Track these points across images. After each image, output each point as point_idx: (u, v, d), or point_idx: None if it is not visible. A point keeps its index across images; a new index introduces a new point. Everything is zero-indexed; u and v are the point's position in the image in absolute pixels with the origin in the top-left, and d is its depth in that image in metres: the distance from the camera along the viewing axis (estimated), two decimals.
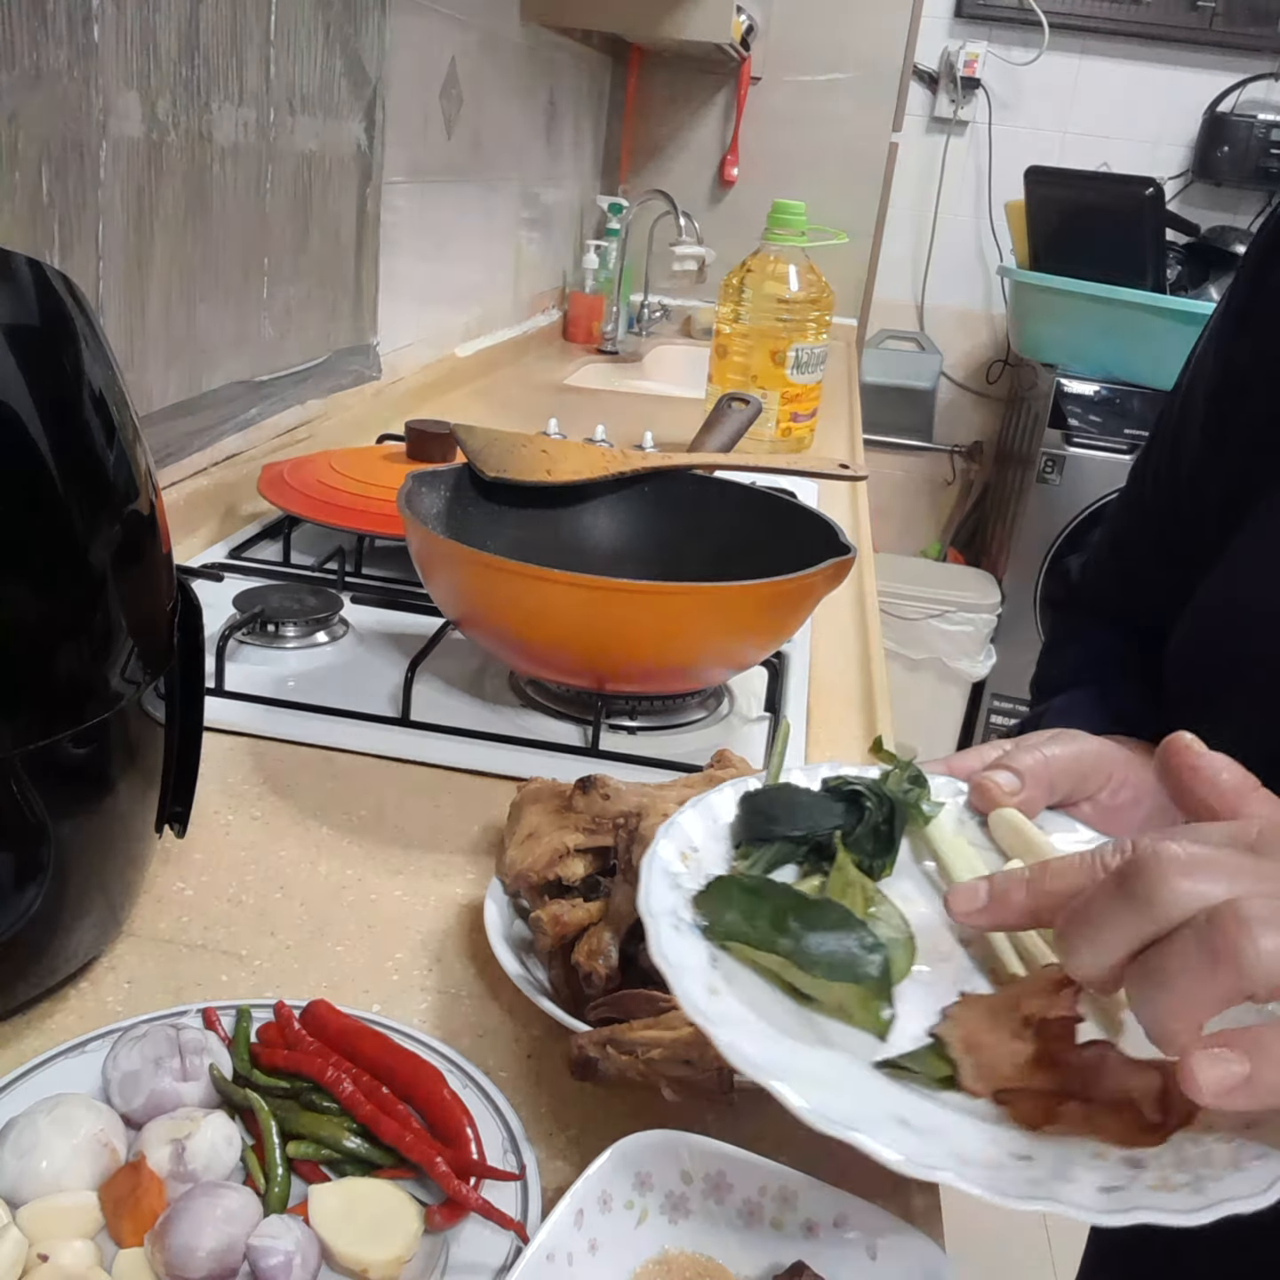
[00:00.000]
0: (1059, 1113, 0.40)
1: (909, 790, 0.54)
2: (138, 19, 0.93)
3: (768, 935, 0.44)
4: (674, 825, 0.50)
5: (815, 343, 1.66)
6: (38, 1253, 0.41)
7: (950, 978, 0.47)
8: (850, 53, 2.76)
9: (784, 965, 0.44)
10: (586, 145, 2.69)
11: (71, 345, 0.48)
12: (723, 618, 0.76)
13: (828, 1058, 0.42)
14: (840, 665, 1.01)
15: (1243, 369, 0.65)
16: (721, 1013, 0.41)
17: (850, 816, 0.51)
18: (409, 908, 0.64)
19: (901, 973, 0.46)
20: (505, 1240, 0.43)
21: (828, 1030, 0.43)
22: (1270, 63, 2.98)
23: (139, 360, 1.02)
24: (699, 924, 0.45)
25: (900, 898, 0.51)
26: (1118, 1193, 0.37)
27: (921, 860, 0.53)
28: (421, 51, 1.56)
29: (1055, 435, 2.74)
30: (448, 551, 0.77)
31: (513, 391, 1.98)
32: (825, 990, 0.44)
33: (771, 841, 0.50)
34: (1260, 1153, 0.38)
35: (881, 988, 0.44)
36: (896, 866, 0.53)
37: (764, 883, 0.46)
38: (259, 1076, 0.49)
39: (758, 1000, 0.43)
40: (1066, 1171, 0.38)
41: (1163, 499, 0.72)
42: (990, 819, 0.55)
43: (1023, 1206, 0.36)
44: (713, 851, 0.50)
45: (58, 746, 0.48)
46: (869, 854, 0.51)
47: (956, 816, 0.55)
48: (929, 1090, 0.41)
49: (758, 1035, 0.41)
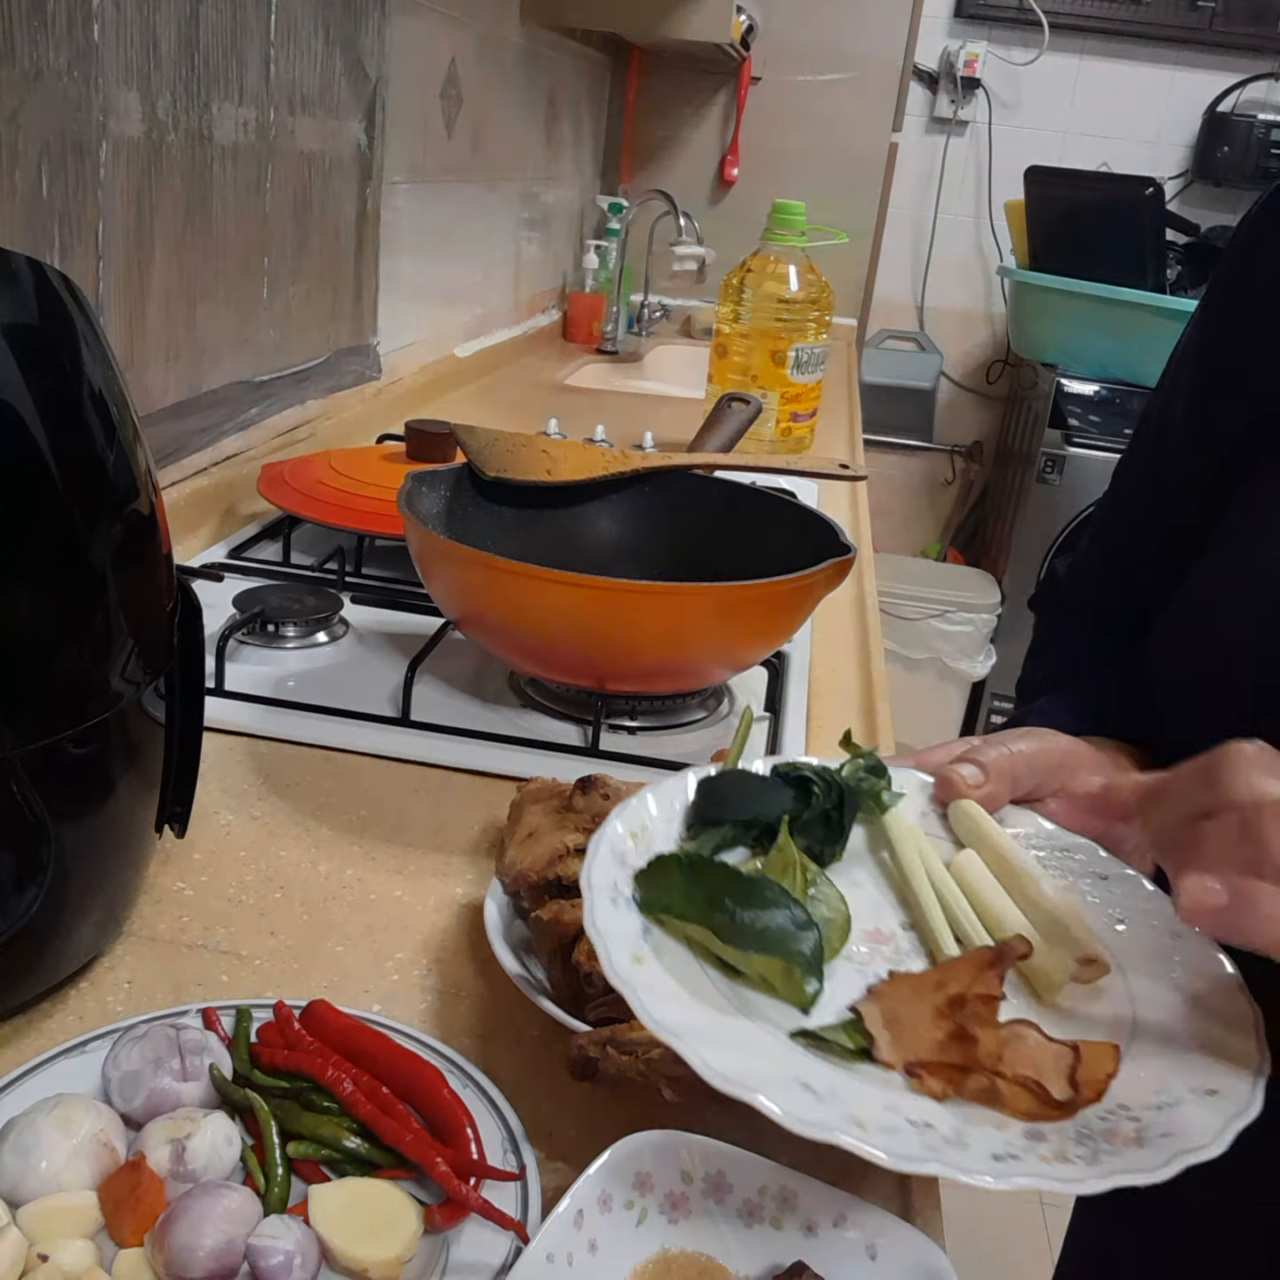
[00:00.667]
0: (964, 1085, 0.42)
1: (864, 779, 0.55)
2: (138, 19, 0.93)
3: (703, 911, 0.46)
4: (628, 806, 0.51)
5: (815, 343, 1.66)
6: (38, 1253, 0.41)
7: (888, 959, 0.49)
8: (850, 53, 2.76)
9: (709, 937, 0.45)
10: (586, 145, 2.69)
11: (71, 345, 0.48)
12: (723, 618, 0.76)
13: (744, 1026, 0.43)
14: (840, 665, 1.01)
15: (1224, 365, 0.65)
16: (641, 979, 0.43)
17: (799, 802, 0.53)
18: (409, 908, 0.64)
19: (834, 951, 0.48)
20: (505, 1240, 0.43)
21: (754, 1003, 0.45)
22: (1270, 63, 2.99)
23: (139, 360, 1.02)
24: (637, 898, 0.47)
25: (851, 883, 0.52)
26: (1009, 1161, 0.38)
27: (879, 850, 0.55)
28: (421, 51, 1.56)
29: (1055, 435, 2.74)
30: (448, 551, 0.77)
31: (513, 391, 1.98)
32: (748, 963, 0.45)
33: (721, 824, 0.52)
34: (1166, 1131, 0.40)
35: (810, 963, 0.45)
36: (852, 854, 0.54)
37: (702, 860, 0.48)
38: (259, 1076, 0.49)
39: (685, 971, 0.45)
40: (963, 1139, 0.40)
41: (1147, 497, 0.72)
42: (949, 810, 0.56)
43: (907, 1168, 0.37)
44: (665, 832, 0.52)
45: (58, 746, 0.48)
46: (819, 839, 0.53)
47: (920, 809, 0.57)
48: (843, 1061, 0.43)
49: (674, 1000, 0.43)
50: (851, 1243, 0.44)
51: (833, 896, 0.50)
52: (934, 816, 0.57)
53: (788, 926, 0.45)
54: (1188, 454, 0.68)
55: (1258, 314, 0.63)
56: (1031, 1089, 0.41)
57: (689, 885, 0.46)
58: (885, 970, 0.47)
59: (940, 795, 0.56)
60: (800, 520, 0.89)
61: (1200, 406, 0.67)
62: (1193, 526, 0.66)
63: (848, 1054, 0.43)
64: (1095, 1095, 0.42)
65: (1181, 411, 0.68)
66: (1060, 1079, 0.42)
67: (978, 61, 3.03)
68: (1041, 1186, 0.37)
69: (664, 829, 0.52)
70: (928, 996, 0.45)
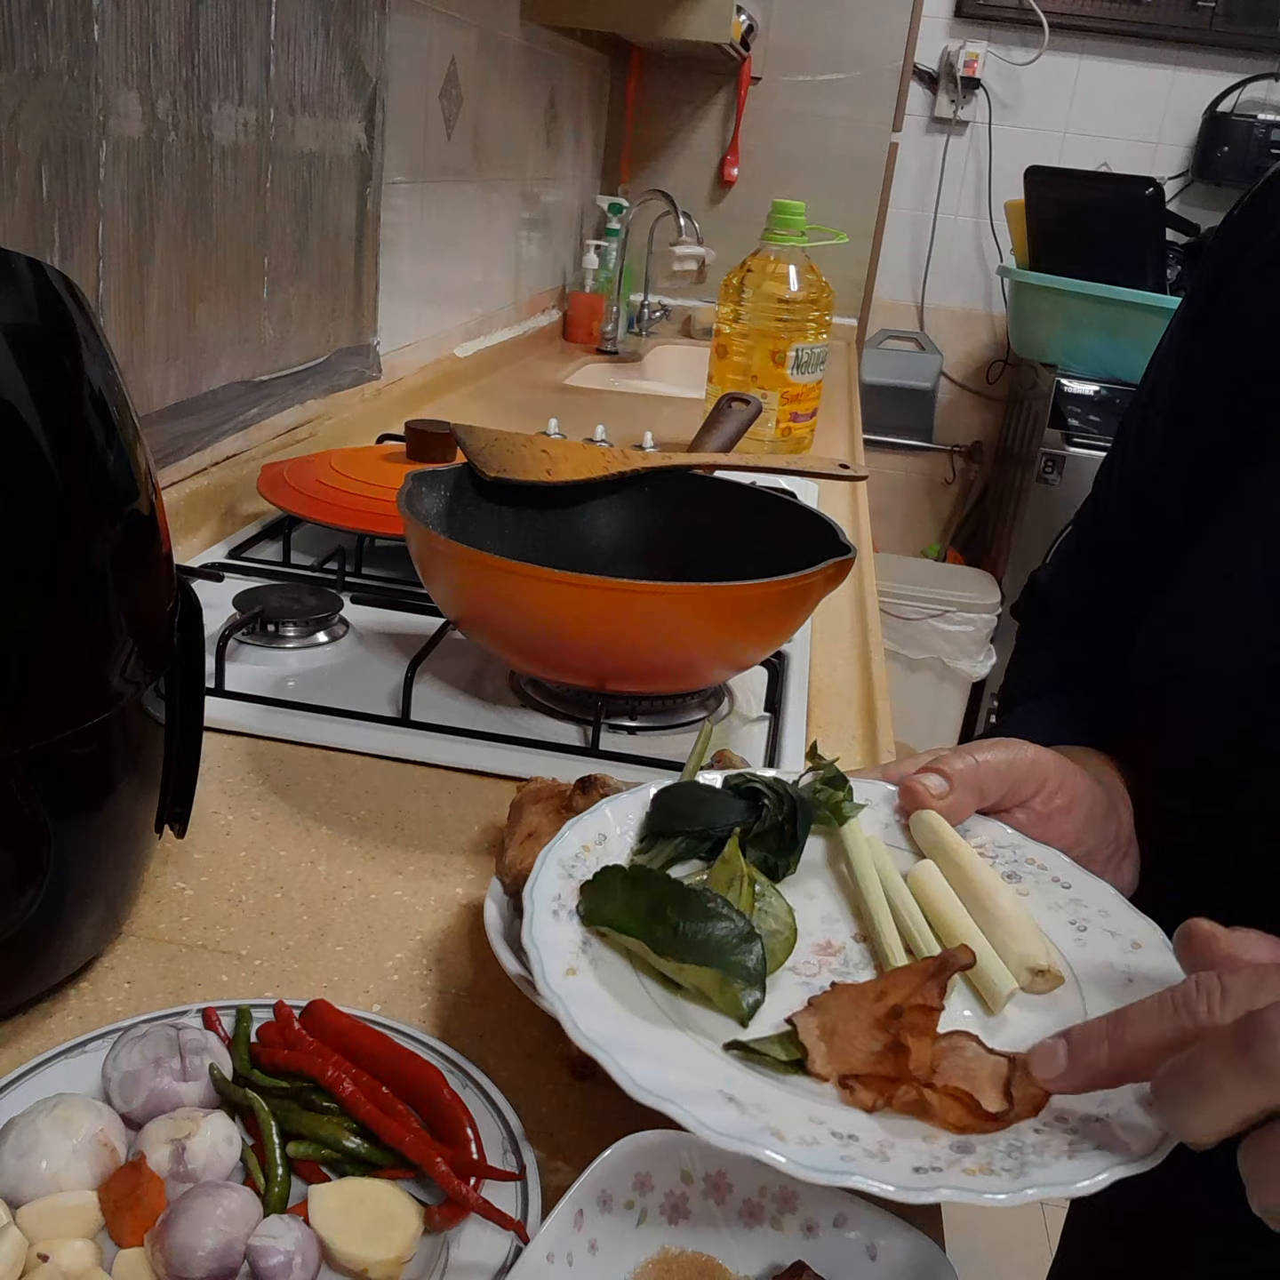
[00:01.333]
0: (894, 1097, 0.42)
1: (819, 791, 0.55)
2: (138, 19, 0.93)
3: (644, 922, 0.46)
4: (582, 820, 0.52)
5: (815, 343, 1.66)
6: (38, 1253, 0.41)
7: (835, 971, 0.49)
8: (850, 53, 2.76)
9: (645, 950, 0.45)
10: (586, 145, 2.69)
11: (71, 345, 0.48)
12: (723, 618, 0.76)
13: (675, 1038, 0.43)
14: (840, 665, 1.01)
15: (1202, 381, 0.65)
16: (572, 991, 0.43)
17: (750, 814, 0.53)
18: (409, 908, 0.64)
19: (778, 963, 0.48)
20: (505, 1240, 0.43)
21: (693, 1016, 0.45)
22: (1270, 63, 2.98)
23: (139, 360, 1.02)
24: (580, 910, 0.47)
25: (805, 895, 0.52)
26: (930, 1173, 0.38)
27: (837, 862, 0.55)
28: (421, 51, 1.56)
29: (1055, 435, 2.74)
30: (448, 551, 0.77)
31: (513, 391, 1.98)
32: (683, 975, 0.45)
33: (673, 836, 0.52)
34: (1100, 1144, 0.39)
35: (752, 975, 0.45)
36: (810, 866, 0.54)
37: (644, 873, 0.48)
38: (259, 1076, 0.49)
39: (621, 983, 0.45)
40: (886, 1151, 0.39)
41: (1127, 507, 0.72)
42: (911, 820, 0.56)
43: (825, 1180, 0.37)
44: (618, 844, 0.52)
45: (58, 746, 0.48)
46: (774, 851, 0.53)
47: (884, 820, 0.57)
48: (774, 1074, 0.43)
49: (604, 1013, 0.43)
50: (851, 1243, 0.44)
51: (780, 909, 0.49)
52: (897, 829, 0.56)
53: (729, 939, 0.45)
54: (1165, 467, 0.68)
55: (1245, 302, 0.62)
56: (962, 1100, 0.41)
57: (631, 897, 0.46)
58: (830, 982, 0.47)
59: (904, 805, 0.56)
60: (800, 520, 0.89)
61: (1178, 420, 0.67)
62: (1175, 532, 0.65)
63: (780, 1066, 0.43)
64: (1031, 1110, 0.41)
65: (1159, 425, 0.68)
66: (994, 1090, 0.41)
67: (978, 61, 3.03)
68: (959, 1199, 0.37)
69: (619, 841, 0.52)
70: (867, 1007, 0.44)
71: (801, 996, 0.46)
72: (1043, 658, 0.80)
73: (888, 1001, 0.44)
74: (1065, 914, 0.52)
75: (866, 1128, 0.40)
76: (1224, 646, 0.59)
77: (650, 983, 0.46)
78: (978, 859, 0.53)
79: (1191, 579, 0.62)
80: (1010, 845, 0.56)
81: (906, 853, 0.55)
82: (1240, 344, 0.62)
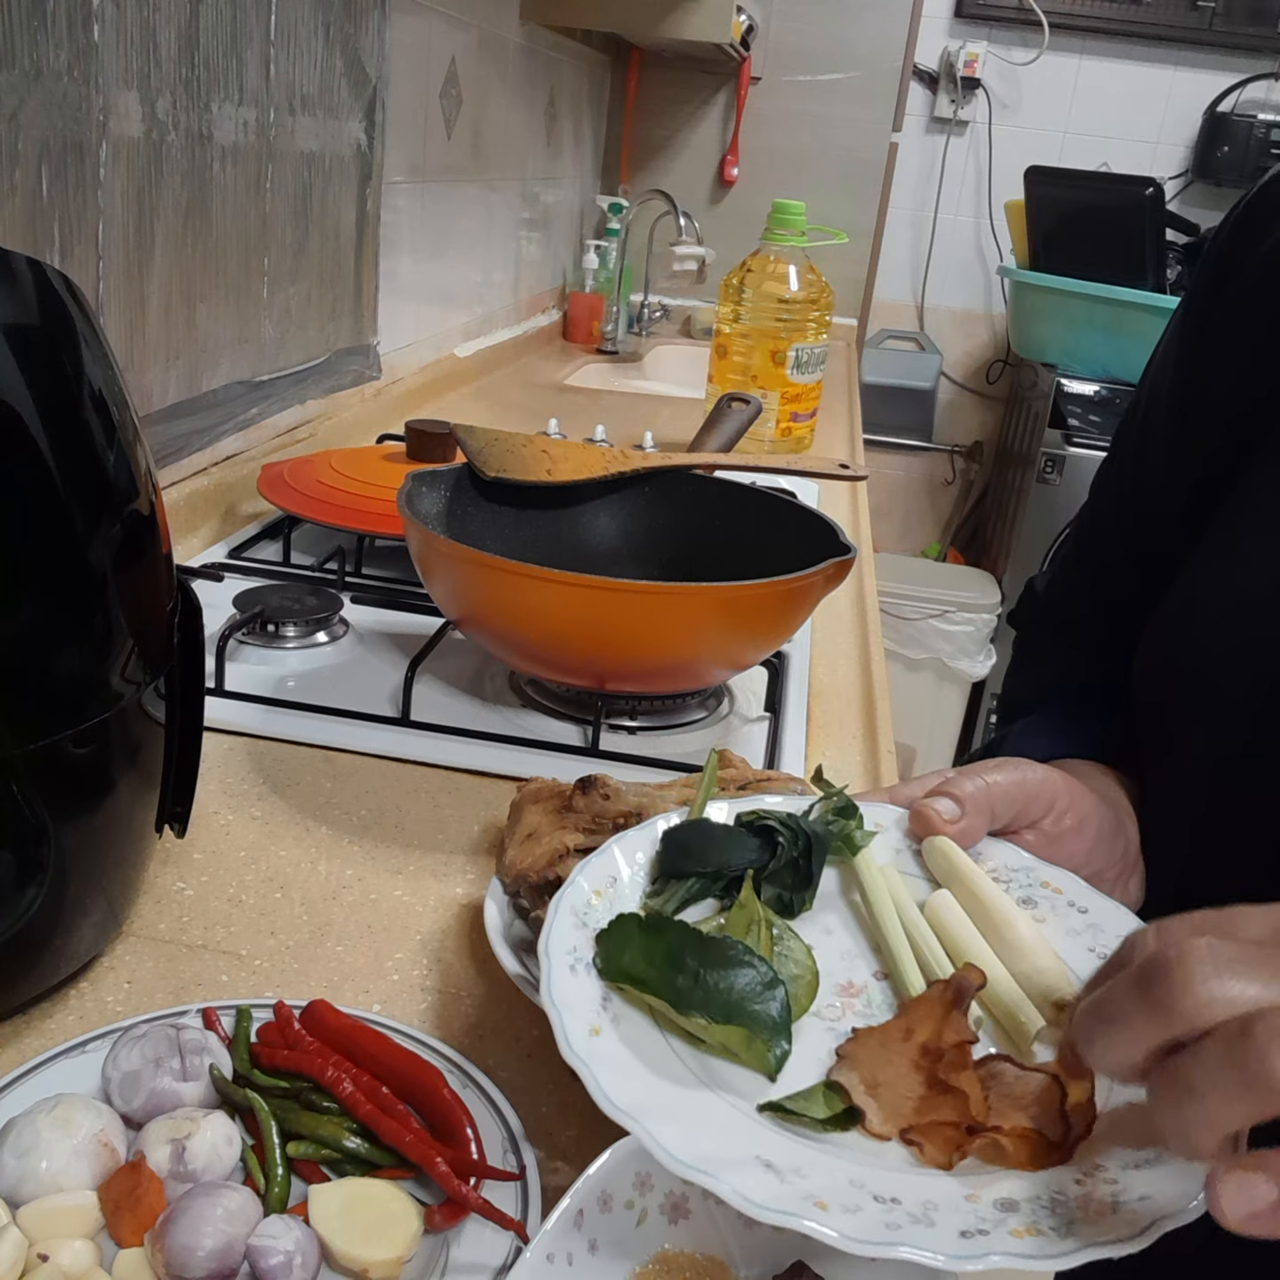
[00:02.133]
0: (968, 1150, 0.40)
1: (832, 822, 0.54)
2: (138, 19, 0.93)
3: (664, 972, 0.44)
4: (590, 863, 0.50)
5: (815, 343, 1.66)
6: (38, 1253, 0.41)
7: (859, 1014, 0.47)
8: (850, 53, 2.76)
9: (667, 1008, 0.44)
10: (586, 145, 2.69)
11: (71, 345, 0.48)
12: (723, 618, 0.76)
13: (706, 1100, 0.42)
14: (840, 665, 1.01)
15: (1202, 382, 0.64)
16: (598, 1053, 0.41)
17: (764, 852, 0.51)
18: (409, 908, 0.64)
19: (802, 1009, 0.46)
20: (505, 1240, 0.43)
21: (718, 1070, 0.43)
22: (1270, 63, 2.98)
23: (139, 360, 1.02)
24: (597, 963, 0.45)
25: (822, 930, 0.51)
26: (977, 1238, 0.36)
27: (850, 892, 0.53)
28: (421, 51, 1.56)
29: (1055, 435, 2.74)
30: (448, 552, 0.77)
31: (513, 391, 1.98)
32: (707, 1032, 0.44)
33: (686, 877, 0.51)
34: (1143, 1194, 0.38)
35: (778, 1025, 0.44)
36: (824, 898, 0.53)
37: (662, 920, 0.46)
38: (259, 1076, 0.49)
39: (645, 1041, 0.43)
40: (931, 1214, 0.38)
41: (1127, 512, 0.71)
42: (924, 847, 0.55)
43: (874, 1253, 0.35)
44: (630, 887, 0.50)
45: (58, 746, 0.48)
46: (788, 887, 0.51)
47: (895, 845, 0.55)
48: (810, 1132, 0.41)
49: (630, 1076, 0.41)
50: None
51: (800, 951, 0.48)
52: (909, 853, 0.55)
53: (754, 986, 0.44)
54: (1166, 471, 0.67)
55: (1243, 311, 0.62)
56: (1030, 1138, 0.40)
57: (648, 945, 0.45)
58: (852, 1028, 0.45)
59: (916, 830, 0.55)
60: (800, 520, 0.89)
61: (1179, 425, 0.66)
62: (1173, 543, 0.65)
63: (817, 1125, 0.41)
64: (1086, 1130, 0.40)
65: (1159, 429, 0.67)
66: (1050, 1121, 0.40)
67: (978, 61, 3.03)
68: (1009, 1265, 0.35)
69: (630, 884, 0.50)
70: (898, 1049, 0.43)
71: (828, 1043, 0.45)
72: (1041, 668, 0.79)
73: (917, 1040, 0.43)
74: (1084, 940, 0.51)
75: (906, 1188, 0.39)
76: (1228, 649, 0.58)
77: (674, 1039, 0.44)
78: (993, 886, 0.52)
79: (1194, 584, 0.62)
80: (1023, 869, 0.54)
81: (920, 879, 0.54)
82: (1240, 345, 0.62)
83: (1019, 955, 0.48)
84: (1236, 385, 0.62)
